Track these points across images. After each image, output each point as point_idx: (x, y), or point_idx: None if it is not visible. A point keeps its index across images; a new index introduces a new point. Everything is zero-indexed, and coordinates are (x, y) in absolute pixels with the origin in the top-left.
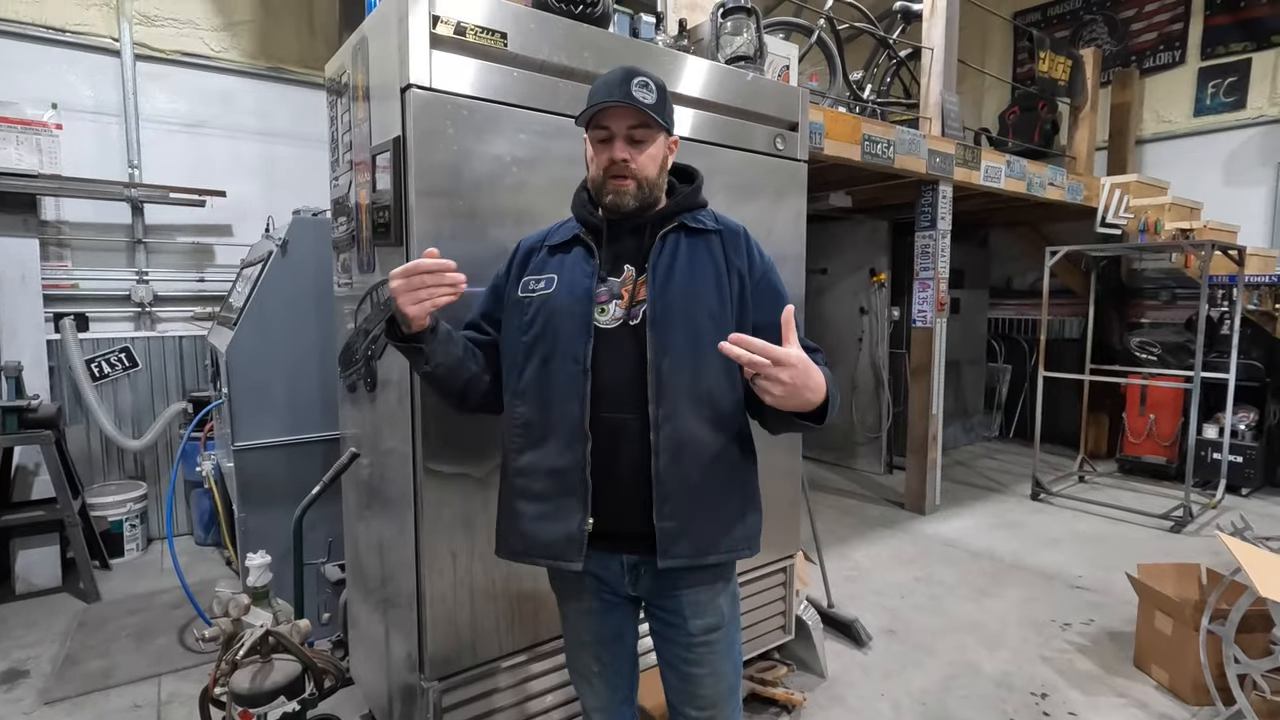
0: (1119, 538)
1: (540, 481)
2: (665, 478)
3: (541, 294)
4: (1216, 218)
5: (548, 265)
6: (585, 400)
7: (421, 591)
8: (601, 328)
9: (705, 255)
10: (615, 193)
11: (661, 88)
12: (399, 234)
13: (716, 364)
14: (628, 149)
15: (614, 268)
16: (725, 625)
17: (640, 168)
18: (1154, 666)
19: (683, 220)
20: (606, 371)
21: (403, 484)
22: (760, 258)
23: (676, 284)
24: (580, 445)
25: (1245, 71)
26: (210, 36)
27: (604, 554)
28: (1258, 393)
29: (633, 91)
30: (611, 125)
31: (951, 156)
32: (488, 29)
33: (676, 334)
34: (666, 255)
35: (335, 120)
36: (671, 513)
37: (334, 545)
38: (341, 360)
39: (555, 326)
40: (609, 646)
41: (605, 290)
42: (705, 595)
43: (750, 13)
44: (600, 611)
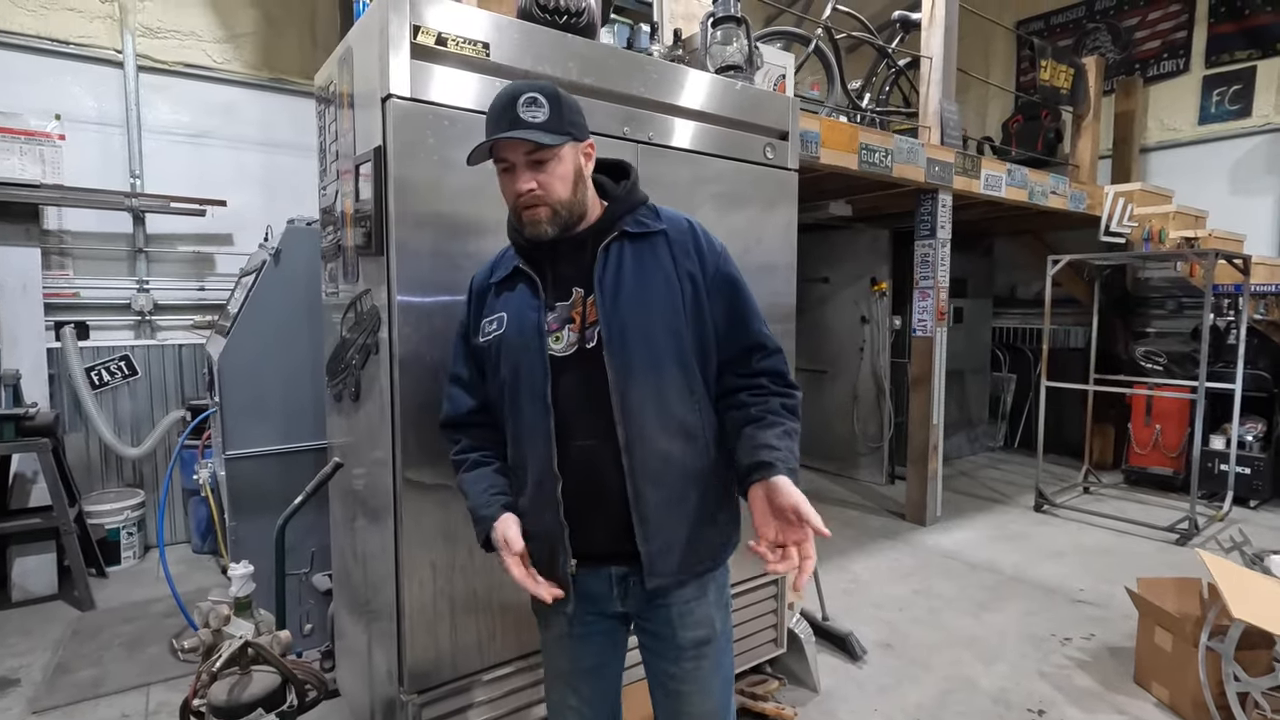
0: (1123, 550)
1: (532, 522)
2: (642, 499)
3: (495, 335)
4: (1222, 226)
5: (497, 305)
6: (550, 437)
7: (401, 603)
8: (558, 356)
9: (652, 262)
10: (531, 223)
11: (555, 96)
12: (380, 243)
13: (677, 378)
14: (532, 176)
15: (561, 291)
16: (716, 638)
17: (549, 192)
18: (1154, 683)
19: (623, 227)
20: (570, 401)
21: (384, 494)
22: (710, 249)
23: (626, 299)
24: (551, 485)
25: (1250, 79)
26: (213, 48)
27: (589, 571)
28: (1266, 403)
29: (520, 115)
30: (508, 155)
31: (951, 165)
32: (469, 39)
33: (635, 353)
34: (611, 269)
35: (324, 130)
36: (653, 533)
37: (318, 555)
38: (328, 369)
39: (514, 364)
40: (588, 679)
41: (554, 318)
42: (695, 606)
43: (740, 22)
44: (581, 638)
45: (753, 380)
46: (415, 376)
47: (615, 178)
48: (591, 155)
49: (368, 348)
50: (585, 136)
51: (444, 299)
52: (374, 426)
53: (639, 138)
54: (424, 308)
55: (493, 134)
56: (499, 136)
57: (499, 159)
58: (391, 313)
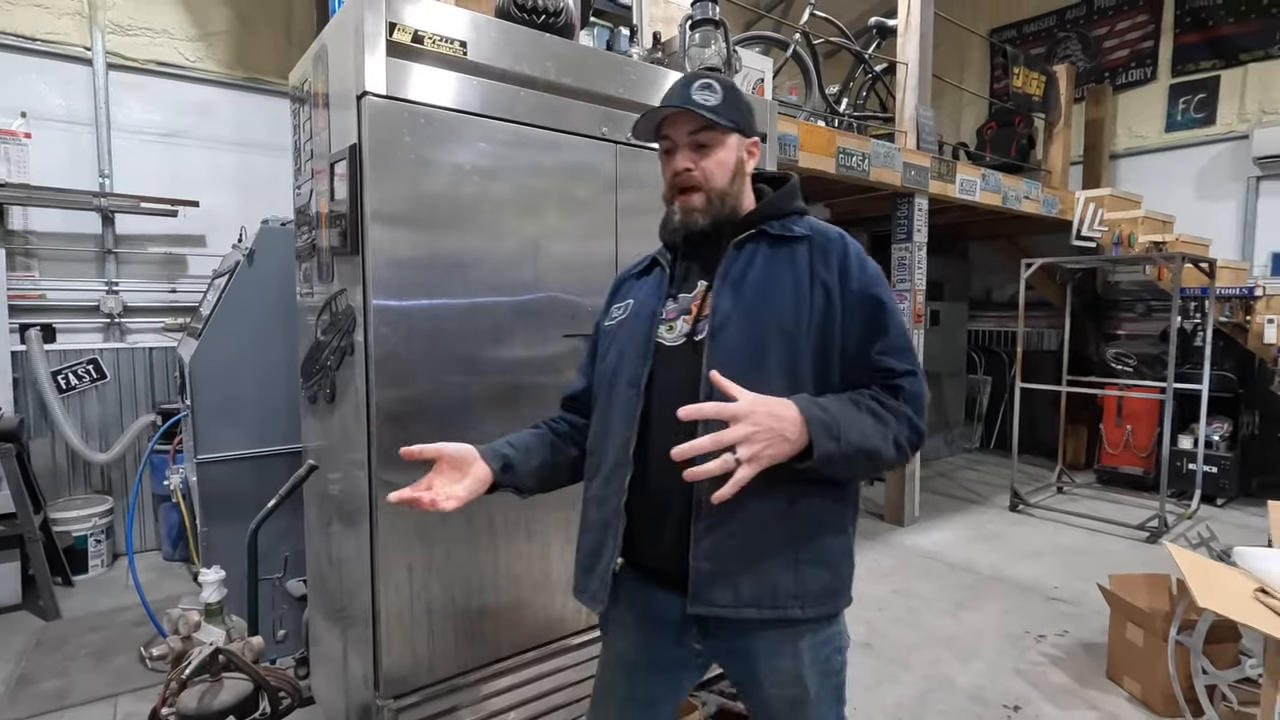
0: (1096, 549)
1: (593, 511)
2: (707, 512)
3: (618, 320)
4: (1189, 231)
5: (630, 292)
6: (634, 423)
7: (376, 607)
8: (665, 345)
9: (786, 267)
10: (684, 210)
11: (730, 87)
12: (355, 243)
13: (781, 389)
14: (691, 156)
15: (688, 283)
16: (812, 705)
17: (707, 176)
18: (1126, 678)
19: (764, 228)
20: (663, 392)
21: (359, 497)
22: (862, 269)
23: (745, 295)
24: (621, 472)
25: (1214, 88)
26: (185, 46)
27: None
28: (1231, 404)
29: (692, 95)
30: (672, 133)
31: (926, 170)
32: (446, 37)
33: (738, 349)
34: (739, 265)
35: (298, 128)
36: (709, 552)
37: (291, 560)
38: (303, 371)
39: (621, 348)
40: (639, 710)
41: (674, 307)
42: (782, 660)
43: (718, 25)
44: (645, 666)
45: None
46: (391, 378)
47: (776, 187)
48: (756, 155)
49: (343, 349)
50: (753, 134)
51: (421, 302)
52: (349, 429)
53: (617, 138)
54: (400, 309)
55: (665, 108)
56: (666, 105)
57: (662, 136)
58: (367, 314)
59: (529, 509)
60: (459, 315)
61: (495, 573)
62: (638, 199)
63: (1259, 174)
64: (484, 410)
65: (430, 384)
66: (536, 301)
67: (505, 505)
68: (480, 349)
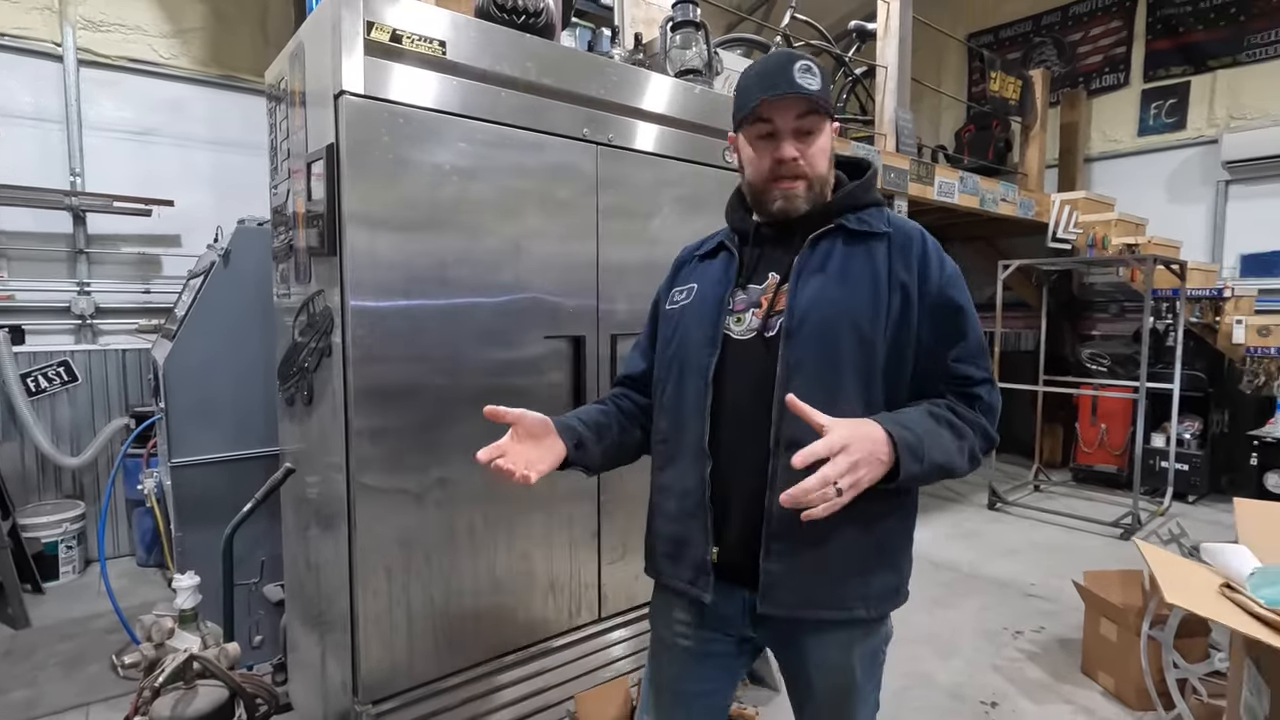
0: (1072, 546)
1: (673, 501)
2: (779, 513)
3: (682, 304)
4: (1160, 233)
5: (693, 275)
6: (705, 416)
7: (355, 612)
8: (734, 338)
9: (864, 263)
10: (786, 197)
11: (824, 71)
12: (332, 243)
13: (855, 390)
14: (796, 144)
15: (758, 274)
16: (857, 690)
17: (812, 165)
18: (1100, 672)
19: (842, 222)
20: (732, 386)
21: (337, 501)
22: (941, 270)
23: (822, 294)
24: (701, 465)
25: (1185, 94)
26: (159, 43)
27: (726, 586)
28: (1202, 403)
29: (796, 78)
30: (776, 119)
31: (906, 172)
32: (425, 37)
33: (813, 349)
34: (816, 261)
35: (275, 127)
36: (780, 553)
37: (268, 565)
38: (280, 373)
39: (687, 337)
40: (695, 701)
41: (744, 298)
42: (834, 651)
43: (699, 27)
44: (700, 656)
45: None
46: (369, 380)
47: (852, 175)
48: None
49: (320, 351)
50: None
51: (400, 303)
52: (327, 431)
53: (599, 139)
54: (378, 310)
55: (768, 92)
56: (785, 91)
57: (761, 119)
58: (345, 315)
59: (509, 512)
60: (439, 317)
61: (475, 576)
62: (619, 200)
63: (1228, 178)
64: (465, 412)
65: (409, 386)
66: (517, 303)
67: (486, 508)
68: (460, 351)
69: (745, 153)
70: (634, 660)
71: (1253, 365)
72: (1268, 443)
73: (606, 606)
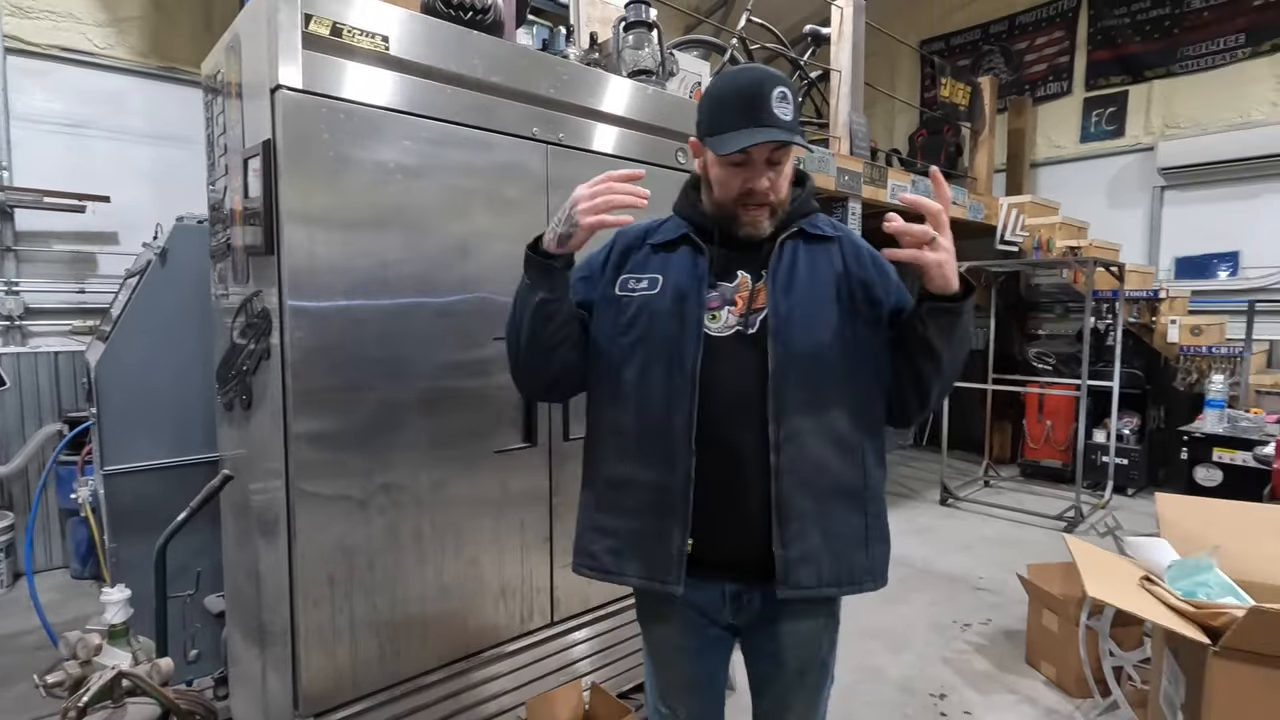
0: (1019, 539)
1: (636, 496)
2: (787, 503)
3: (643, 294)
4: (1101, 236)
5: (650, 264)
6: (693, 412)
7: (295, 622)
8: (712, 335)
9: (826, 265)
10: (752, 224)
11: (795, 93)
12: (270, 242)
13: (838, 379)
14: (768, 175)
15: (725, 273)
16: (822, 670)
17: (778, 192)
18: (1043, 662)
19: (801, 226)
20: (716, 383)
21: (276, 507)
22: (886, 266)
23: (799, 293)
24: (685, 461)
25: (1123, 103)
26: (94, 32)
27: (702, 580)
28: (1140, 399)
29: (774, 109)
30: (752, 152)
31: (859, 175)
32: (367, 31)
33: (799, 346)
34: (786, 262)
35: (211, 121)
36: (794, 539)
37: (208, 575)
38: (219, 376)
39: (660, 331)
40: (700, 692)
41: (717, 296)
42: (809, 633)
43: (651, 27)
44: (696, 651)
45: None
46: (308, 383)
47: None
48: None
49: (259, 353)
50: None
51: (341, 303)
52: (266, 436)
53: (549, 139)
54: (318, 311)
55: (746, 127)
56: (767, 137)
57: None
58: (283, 316)
59: (458, 517)
60: (382, 318)
61: (423, 583)
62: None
63: (1163, 184)
64: (409, 415)
65: (351, 389)
66: (465, 303)
67: (433, 513)
68: (405, 352)
69: (714, 172)
70: (590, 663)
71: (1186, 363)
72: (1196, 438)
73: (560, 610)
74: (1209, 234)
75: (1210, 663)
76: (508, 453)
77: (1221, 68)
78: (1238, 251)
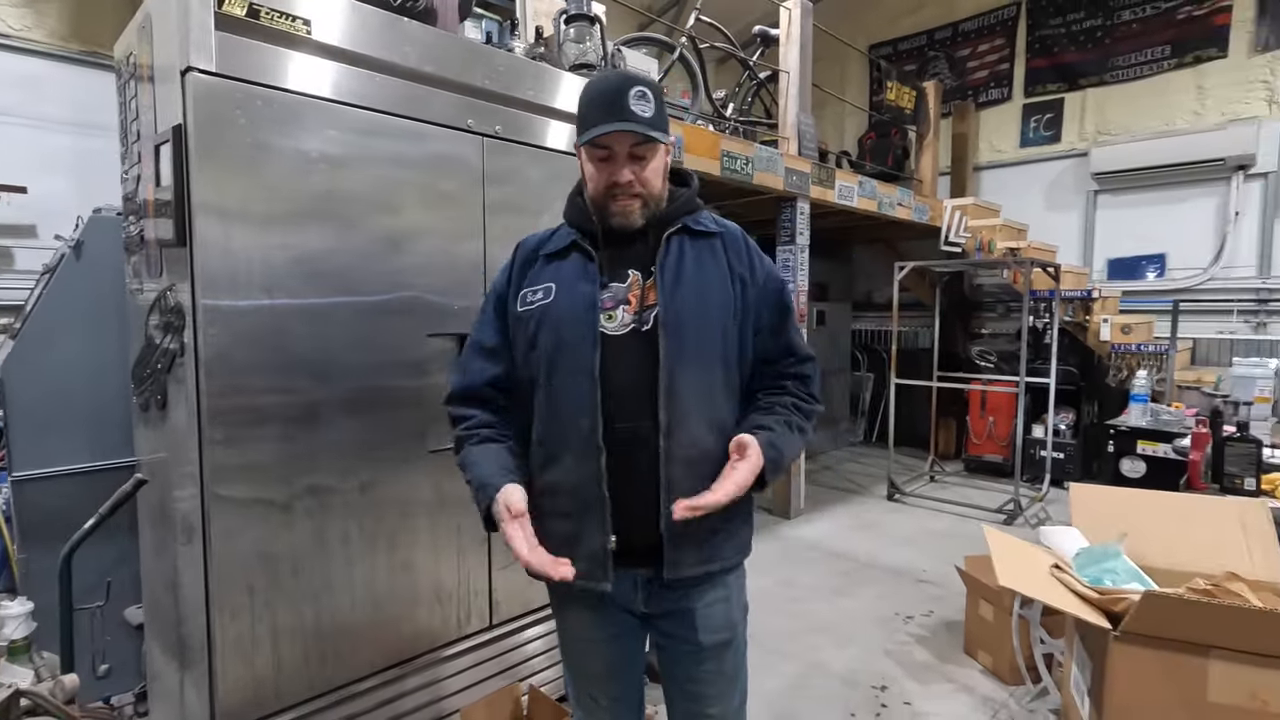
0: (962, 533)
1: (562, 500)
2: (676, 484)
3: (540, 305)
4: (1040, 238)
5: (543, 274)
6: (597, 411)
7: (212, 633)
8: (609, 334)
9: (710, 260)
10: (622, 213)
11: (659, 93)
12: (181, 234)
13: (721, 372)
14: (631, 168)
15: (616, 273)
16: (736, 641)
17: (646, 186)
18: (980, 651)
19: (685, 223)
20: (616, 380)
21: (192, 514)
22: (761, 261)
23: (686, 288)
24: (594, 459)
25: (1059, 109)
26: (9, 13)
27: (619, 570)
28: (1075, 395)
29: (631, 106)
30: (613, 145)
31: (807, 175)
32: (287, 14)
33: (688, 339)
34: (673, 258)
35: (124, 106)
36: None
37: (122, 586)
38: (134, 375)
39: (560, 337)
40: (619, 677)
41: (610, 296)
42: (718, 608)
43: (594, 21)
44: (612, 639)
45: (777, 382)
46: (224, 384)
47: (677, 183)
48: (670, 153)
49: (173, 352)
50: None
51: (261, 301)
52: (181, 438)
53: (485, 130)
54: (235, 309)
55: (603, 122)
56: (619, 128)
57: (599, 145)
58: (196, 312)
59: (390, 521)
60: (306, 315)
61: (352, 587)
62: (508, 195)
63: (1096, 188)
64: (337, 416)
65: (273, 390)
66: (397, 301)
67: (362, 516)
68: (332, 351)
69: (586, 169)
70: (529, 666)
71: (1117, 360)
72: (1122, 431)
73: (499, 613)
74: (1139, 237)
75: (1111, 647)
76: (442, 453)
77: (1149, 78)
78: (1165, 253)
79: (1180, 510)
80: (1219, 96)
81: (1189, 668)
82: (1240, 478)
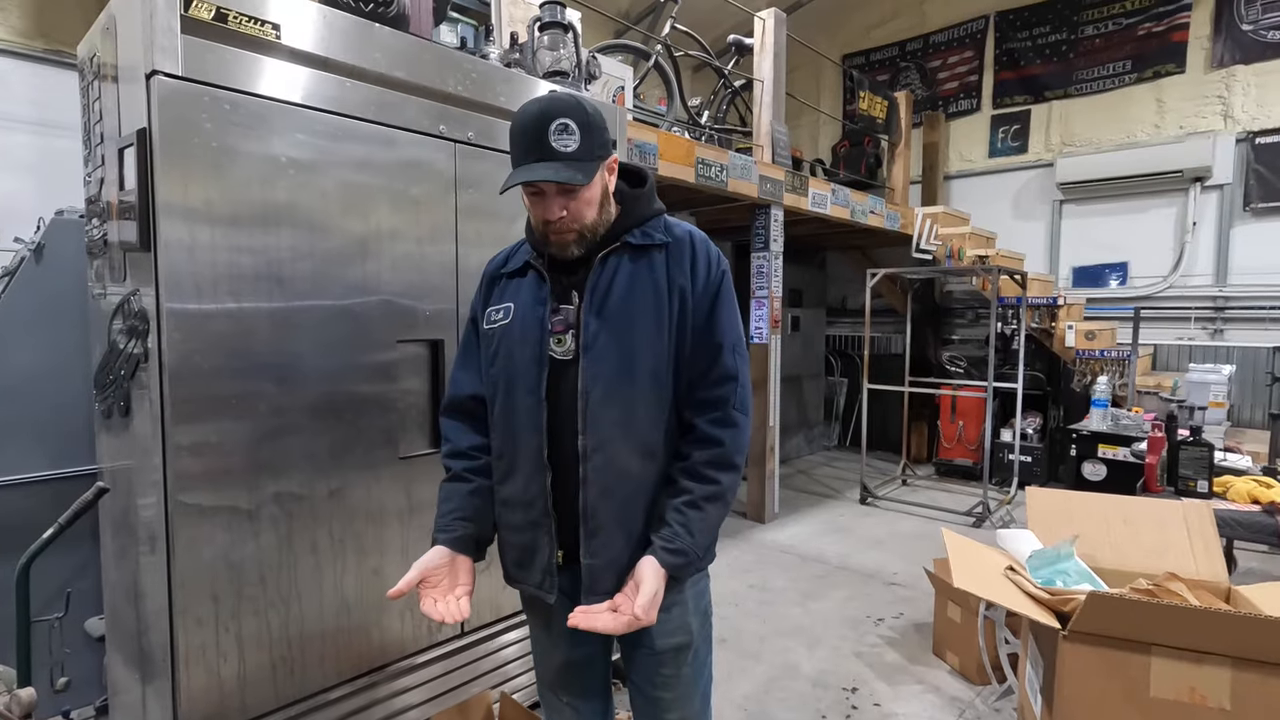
0: (932, 535)
1: (516, 513)
2: (592, 512)
3: (501, 325)
4: (1008, 246)
5: (505, 293)
6: (543, 431)
7: (175, 643)
8: (556, 359)
9: (647, 276)
10: (557, 246)
11: (584, 121)
12: (145, 237)
13: (649, 394)
14: (562, 204)
15: (564, 295)
16: (694, 645)
17: (579, 219)
18: (948, 652)
19: (627, 239)
20: (558, 403)
21: (154, 522)
22: (708, 266)
23: (610, 311)
24: (540, 477)
25: (1026, 121)
26: None
27: (567, 568)
28: (1041, 400)
29: (552, 143)
30: (540, 184)
31: (781, 183)
32: (255, 18)
33: (608, 362)
34: (604, 279)
35: (88, 108)
36: (598, 549)
37: (81, 597)
38: (96, 382)
39: (512, 356)
40: (579, 679)
41: (560, 320)
42: (673, 612)
43: (567, 29)
44: (571, 643)
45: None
46: (189, 390)
47: (632, 184)
48: (614, 169)
49: (136, 357)
50: (611, 152)
51: (227, 305)
52: (144, 445)
53: (458, 137)
54: (200, 313)
55: (524, 162)
56: (533, 179)
57: (529, 185)
58: (160, 317)
59: (360, 527)
60: (272, 320)
61: (320, 595)
62: (480, 200)
63: (1062, 198)
64: (305, 421)
65: (238, 395)
66: (366, 306)
67: (331, 523)
68: (300, 356)
69: (524, 201)
70: (503, 673)
71: (1081, 366)
72: (1084, 435)
73: (472, 620)
74: (1102, 245)
75: (1060, 645)
76: (414, 459)
77: (1111, 91)
78: (1127, 262)
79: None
80: (1177, 110)
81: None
82: (1194, 480)
